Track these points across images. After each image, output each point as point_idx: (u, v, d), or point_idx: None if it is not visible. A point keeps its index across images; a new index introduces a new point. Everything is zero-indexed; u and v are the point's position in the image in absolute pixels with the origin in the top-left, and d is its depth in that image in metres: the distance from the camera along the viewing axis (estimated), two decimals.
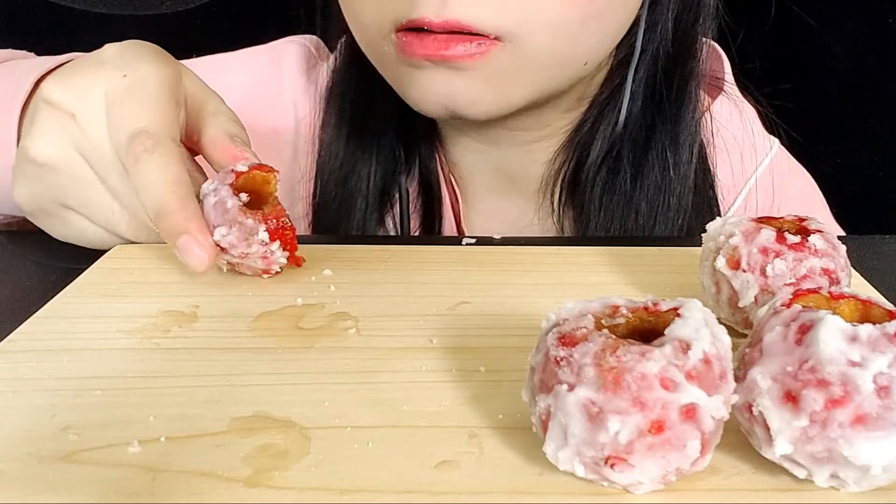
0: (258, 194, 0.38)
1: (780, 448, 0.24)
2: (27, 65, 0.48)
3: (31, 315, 0.35)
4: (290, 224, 0.38)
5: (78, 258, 0.41)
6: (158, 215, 0.36)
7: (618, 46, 0.52)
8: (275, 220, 0.37)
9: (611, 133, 0.54)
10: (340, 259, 0.42)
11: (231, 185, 0.37)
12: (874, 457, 0.23)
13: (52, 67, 0.46)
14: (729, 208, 0.59)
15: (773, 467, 0.25)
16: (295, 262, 0.39)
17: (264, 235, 0.37)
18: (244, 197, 0.37)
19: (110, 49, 0.41)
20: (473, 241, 0.46)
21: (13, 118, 0.45)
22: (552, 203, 0.57)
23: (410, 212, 0.58)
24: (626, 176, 0.54)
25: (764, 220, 0.34)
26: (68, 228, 0.42)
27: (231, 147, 0.41)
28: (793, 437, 0.23)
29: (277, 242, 0.37)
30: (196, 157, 0.43)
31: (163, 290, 0.38)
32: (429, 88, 0.47)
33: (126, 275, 0.39)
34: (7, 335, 0.33)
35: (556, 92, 0.51)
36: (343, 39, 0.58)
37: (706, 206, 0.56)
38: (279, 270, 0.39)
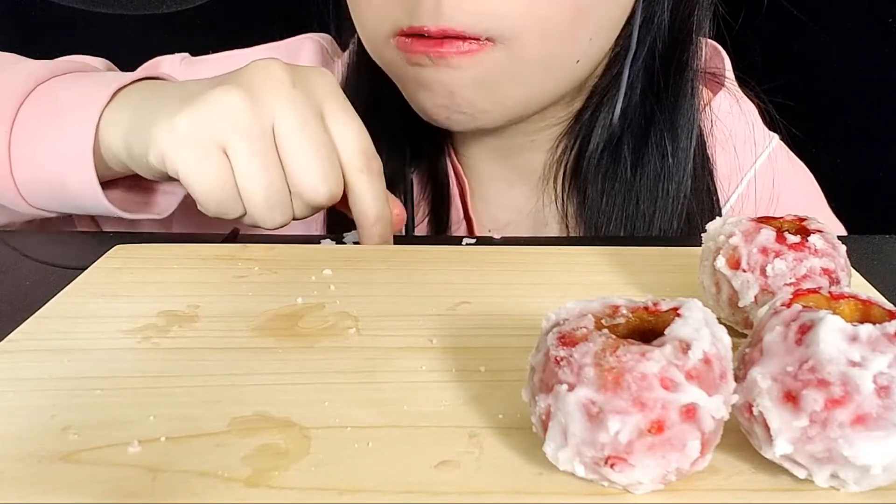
0: None
1: (780, 448, 0.24)
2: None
3: (31, 315, 0.35)
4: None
5: (78, 258, 0.41)
6: (379, 219, 0.45)
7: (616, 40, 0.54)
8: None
9: (610, 122, 0.55)
10: (340, 259, 0.42)
11: None
12: (874, 457, 0.23)
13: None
14: (727, 200, 0.60)
15: (773, 467, 0.25)
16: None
17: None
18: None
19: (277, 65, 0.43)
20: (473, 241, 0.46)
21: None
22: (555, 190, 0.59)
23: (418, 201, 0.60)
24: (627, 164, 0.55)
25: (764, 220, 0.34)
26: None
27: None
28: (793, 437, 0.23)
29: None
30: None
31: (163, 290, 0.38)
32: (430, 89, 0.50)
33: (126, 275, 0.39)
34: (7, 335, 0.33)
35: (554, 96, 0.53)
36: (355, 38, 0.60)
37: (705, 193, 0.58)
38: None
